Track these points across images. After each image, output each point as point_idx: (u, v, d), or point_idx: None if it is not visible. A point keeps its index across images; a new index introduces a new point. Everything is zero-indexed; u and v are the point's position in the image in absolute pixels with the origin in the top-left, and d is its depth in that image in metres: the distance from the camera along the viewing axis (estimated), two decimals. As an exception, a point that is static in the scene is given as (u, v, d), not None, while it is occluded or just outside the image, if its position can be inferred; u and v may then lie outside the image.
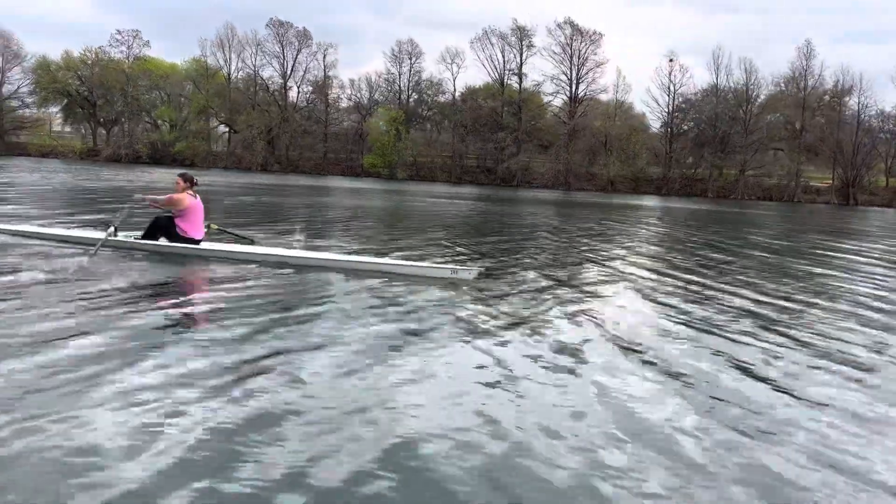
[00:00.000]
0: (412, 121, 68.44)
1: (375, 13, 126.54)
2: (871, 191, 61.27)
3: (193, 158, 63.59)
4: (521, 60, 66.20)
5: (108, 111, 69.46)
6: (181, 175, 8.40)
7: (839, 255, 13.13)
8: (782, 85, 64.70)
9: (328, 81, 69.00)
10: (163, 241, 8.08)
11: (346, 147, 67.93)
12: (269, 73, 69.66)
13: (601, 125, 63.44)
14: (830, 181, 62.15)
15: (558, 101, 67.83)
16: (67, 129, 75.40)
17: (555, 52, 65.31)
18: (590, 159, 63.46)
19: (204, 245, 8.12)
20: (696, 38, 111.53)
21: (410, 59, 68.23)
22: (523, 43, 65.57)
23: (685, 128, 66.29)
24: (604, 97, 66.60)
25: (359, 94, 70.30)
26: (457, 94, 68.58)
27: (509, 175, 63.07)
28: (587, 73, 65.08)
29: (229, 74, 69.03)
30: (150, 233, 8.20)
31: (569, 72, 65.30)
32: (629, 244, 13.16)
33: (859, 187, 60.20)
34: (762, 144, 61.85)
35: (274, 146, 66.26)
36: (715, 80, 64.34)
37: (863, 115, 61.84)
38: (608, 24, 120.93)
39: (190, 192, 8.18)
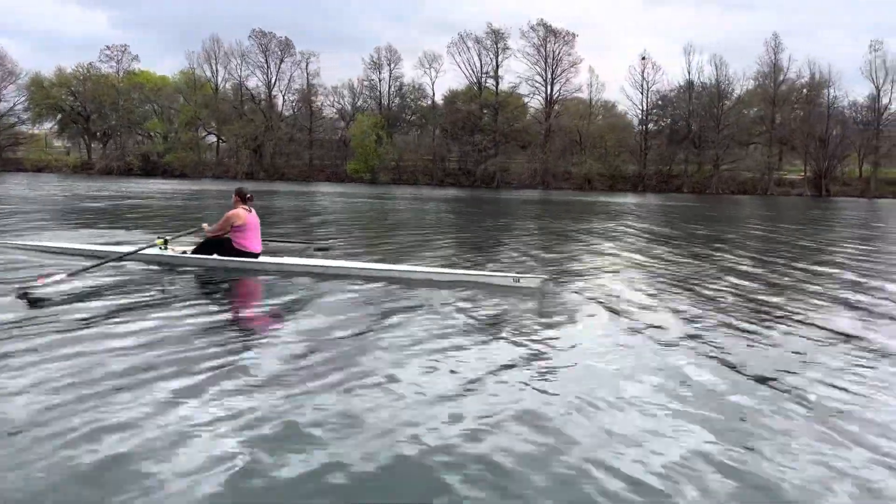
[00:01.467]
0: (396, 125, 69.98)
1: (389, 19, 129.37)
2: (845, 181, 62.01)
3: (183, 169, 65.58)
4: (496, 63, 67.58)
5: (101, 125, 71.67)
6: (237, 191, 8.28)
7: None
8: (760, 80, 65.55)
9: (312, 89, 70.69)
10: (216, 256, 7.92)
11: (330, 153, 69.40)
12: (255, 82, 71.67)
13: (575, 124, 64.58)
14: (803, 174, 62.99)
15: (535, 103, 69.17)
16: (67, 143, 77.85)
17: (528, 54, 66.68)
18: (568, 159, 64.54)
19: (262, 259, 7.98)
20: (711, 36, 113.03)
21: (390, 64, 69.89)
22: (498, 46, 66.92)
23: (662, 125, 67.30)
24: (583, 96, 67.88)
25: (342, 101, 72.16)
26: (438, 97, 70.21)
27: (488, 176, 64.38)
28: (561, 74, 66.36)
29: (216, 85, 70.97)
30: (203, 250, 8.01)
31: (543, 73, 66.58)
32: (664, 243, 13.32)
33: (831, 178, 60.94)
34: (733, 139, 62.73)
35: (260, 154, 68.05)
36: (688, 77, 65.44)
37: (834, 107, 62.61)
38: (624, 28, 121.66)
39: (244, 206, 8.05)
